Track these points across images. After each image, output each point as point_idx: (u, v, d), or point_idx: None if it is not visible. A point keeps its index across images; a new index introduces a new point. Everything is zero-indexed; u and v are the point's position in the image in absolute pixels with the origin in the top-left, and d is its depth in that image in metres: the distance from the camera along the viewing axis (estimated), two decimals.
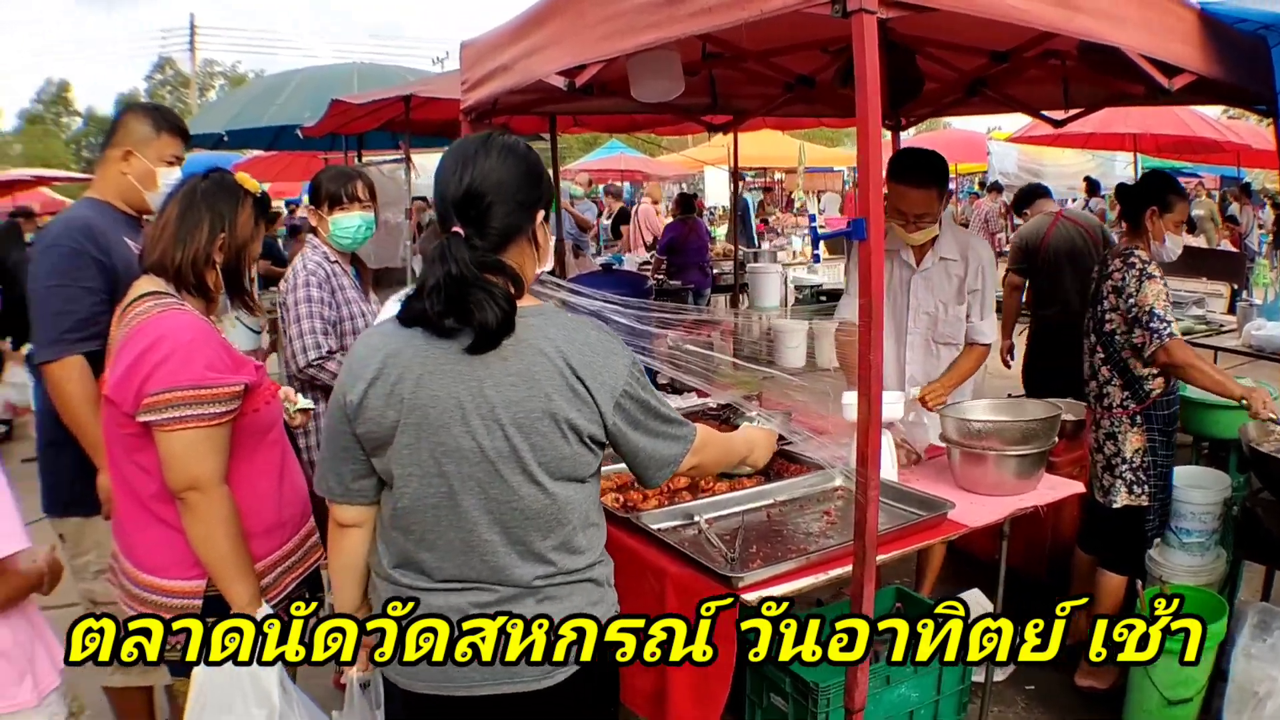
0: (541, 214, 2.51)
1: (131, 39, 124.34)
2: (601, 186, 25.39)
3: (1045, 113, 6.20)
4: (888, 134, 6.63)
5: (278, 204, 30.27)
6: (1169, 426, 4.81)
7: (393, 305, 3.17)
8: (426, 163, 11.33)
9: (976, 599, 4.59)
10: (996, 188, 22.13)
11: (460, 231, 2.35)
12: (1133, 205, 4.82)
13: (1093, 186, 17.64)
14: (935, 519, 3.69)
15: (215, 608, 3.00)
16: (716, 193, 24.27)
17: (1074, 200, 18.09)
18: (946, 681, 4.19)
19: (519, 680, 2.47)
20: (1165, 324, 4.45)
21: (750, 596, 3.14)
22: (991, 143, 21.51)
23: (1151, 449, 4.79)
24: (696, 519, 3.78)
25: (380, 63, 15.40)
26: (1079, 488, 4.29)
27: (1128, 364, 4.73)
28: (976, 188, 24.95)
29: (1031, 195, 8.65)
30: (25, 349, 9.48)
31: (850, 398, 3.92)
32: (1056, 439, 4.23)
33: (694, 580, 3.32)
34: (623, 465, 2.73)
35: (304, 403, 4.07)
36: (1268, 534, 4.45)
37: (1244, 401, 4.41)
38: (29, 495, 8.76)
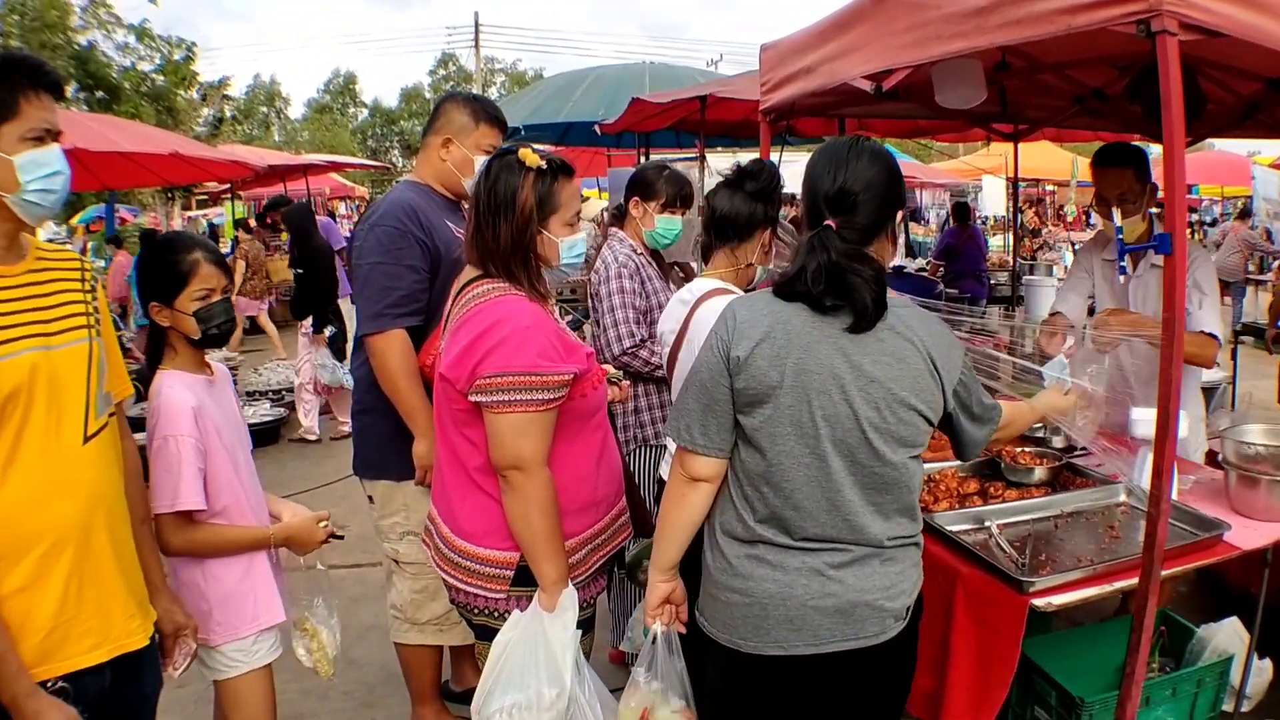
0: (900, 214, 2.69)
1: (417, 35, 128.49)
2: None
3: None
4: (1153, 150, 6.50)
5: None
6: None
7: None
8: (716, 163, 11.54)
9: (1234, 629, 4.51)
10: (1246, 213, 21.21)
11: (832, 224, 2.58)
12: None
13: None
14: (1212, 539, 3.64)
15: (525, 578, 3.12)
16: (992, 202, 23.79)
17: None
18: (1199, 708, 4.13)
19: (862, 636, 2.66)
20: None
21: (1039, 602, 3.16)
22: (1255, 167, 20.54)
23: None
24: (987, 524, 3.83)
25: (674, 64, 15.58)
26: None
27: None
28: (1232, 210, 23.89)
29: None
30: (327, 331, 9.99)
31: (1138, 414, 3.95)
32: None
33: (984, 582, 3.35)
34: None
35: (614, 373, 4.08)
36: None
37: None
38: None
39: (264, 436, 10.31)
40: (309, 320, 10.34)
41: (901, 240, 17.73)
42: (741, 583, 2.71)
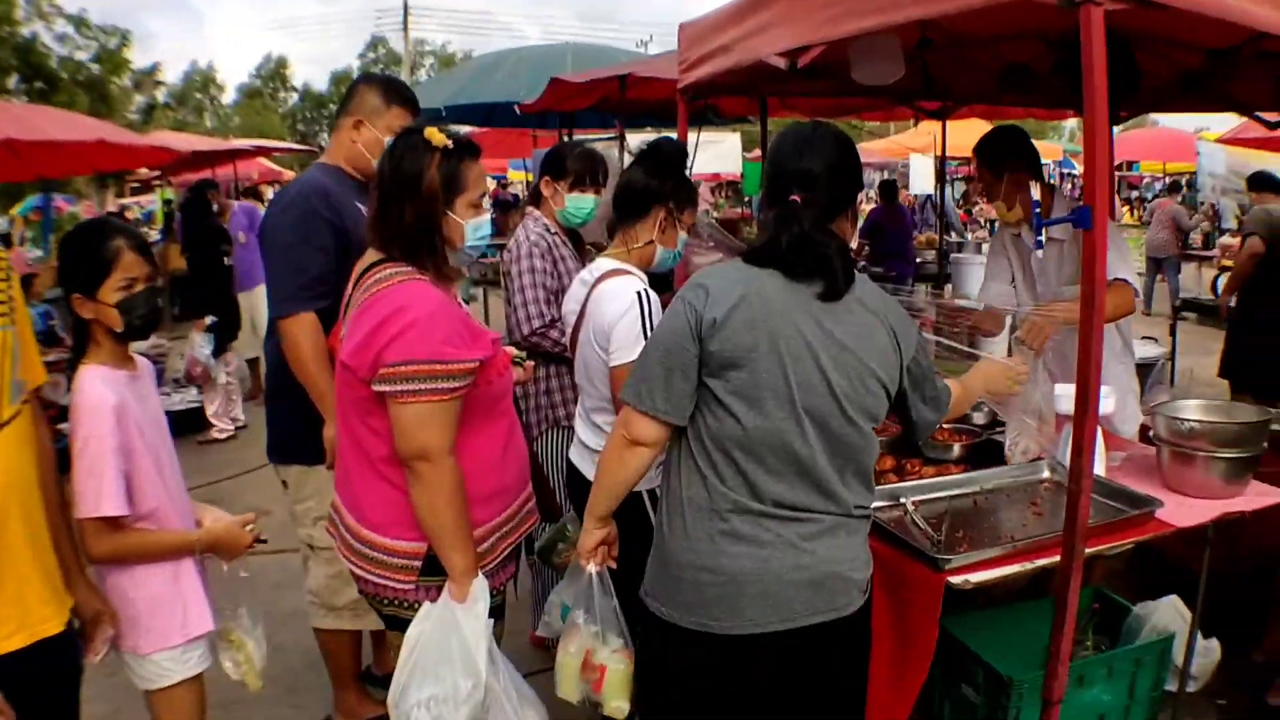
0: (861, 195, 2.76)
1: (348, 18, 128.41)
2: None
3: (1260, 114, 5.94)
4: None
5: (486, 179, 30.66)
6: None
7: None
8: (638, 142, 11.57)
9: (1174, 607, 4.48)
10: (1175, 188, 21.41)
11: (797, 199, 2.66)
12: None
13: None
14: (1143, 516, 3.60)
15: (434, 568, 3.07)
16: (920, 181, 23.88)
17: None
18: (1139, 687, 4.10)
19: (833, 608, 2.70)
20: None
21: (955, 580, 3.14)
22: (1201, 143, 20.71)
23: None
24: (902, 501, 3.77)
25: (598, 44, 15.64)
26: None
27: None
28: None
29: (1267, 183, 8.37)
30: (207, 320, 9.95)
31: (1062, 389, 3.93)
32: (1265, 445, 4.10)
33: (899, 561, 3.32)
34: None
35: (517, 353, 4.00)
36: None
37: None
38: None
39: (190, 423, 10.27)
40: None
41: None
42: (713, 560, 2.69)
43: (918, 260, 14.01)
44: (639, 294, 3.52)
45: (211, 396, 10.41)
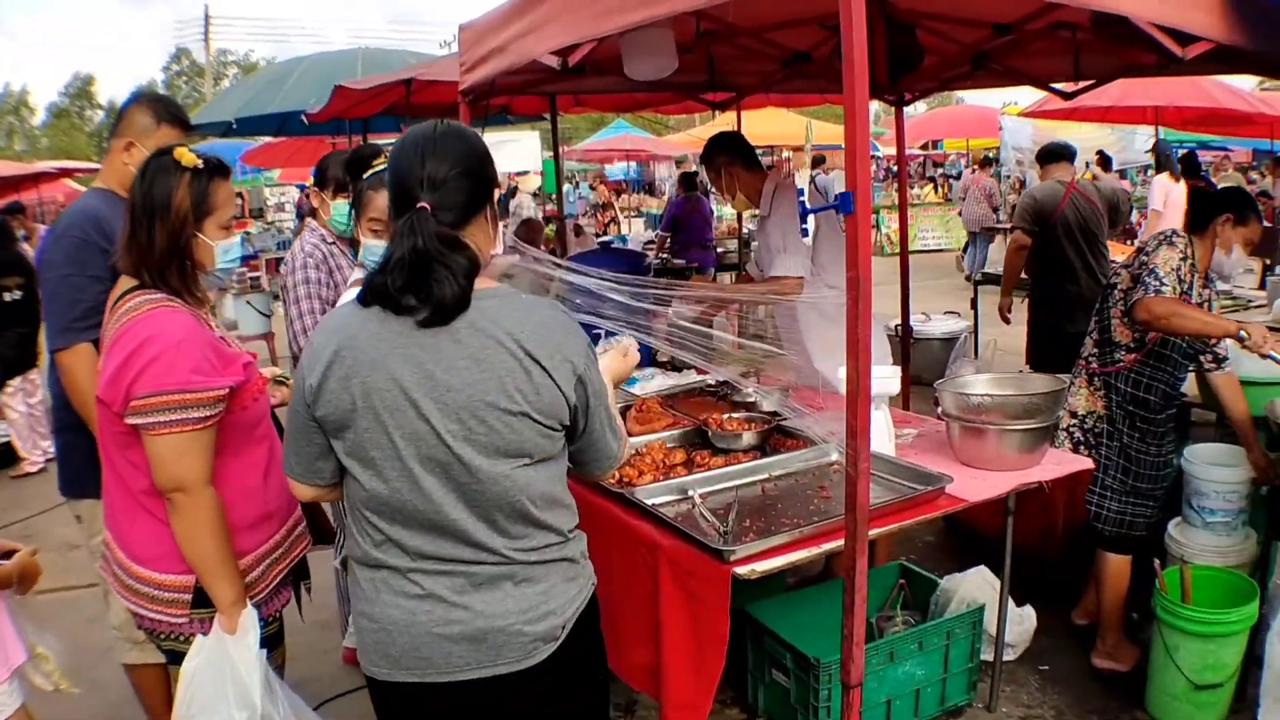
0: (497, 193, 2.57)
1: (151, 31, 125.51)
2: None
3: (1055, 85, 6.00)
4: (891, 108, 6.62)
5: (288, 189, 30.21)
6: (1146, 413, 4.61)
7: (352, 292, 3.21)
8: None
9: (983, 576, 4.57)
10: (988, 162, 21.94)
11: (426, 206, 2.38)
12: (1206, 209, 4.63)
13: (1105, 161, 17.20)
14: (932, 493, 3.65)
15: (205, 600, 3.02)
16: None
17: (1088, 173, 17.86)
18: (954, 659, 4.17)
19: (500, 663, 2.49)
20: (1160, 284, 4.28)
21: (742, 570, 3.14)
22: (1004, 118, 21.23)
23: (1111, 420, 4.67)
24: (690, 494, 3.78)
25: (388, 47, 15.46)
26: (1088, 464, 4.20)
27: (1110, 324, 4.64)
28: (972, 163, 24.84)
29: (1055, 155, 8.53)
30: None
31: (845, 372, 3.96)
32: (1061, 414, 4.18)
33: (686, 554, 3.31)
34: None
35: (280, 373, 3.89)
36: None
37: (1241, 334, 4.18)
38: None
39: (3, 458, 10.06)
40: None
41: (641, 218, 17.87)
42: (369, 607, 2.57)
43: (719, 250, 14.21)
44: None
45: (18, 430, 9.98)
